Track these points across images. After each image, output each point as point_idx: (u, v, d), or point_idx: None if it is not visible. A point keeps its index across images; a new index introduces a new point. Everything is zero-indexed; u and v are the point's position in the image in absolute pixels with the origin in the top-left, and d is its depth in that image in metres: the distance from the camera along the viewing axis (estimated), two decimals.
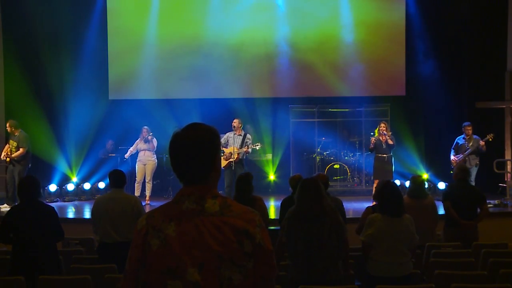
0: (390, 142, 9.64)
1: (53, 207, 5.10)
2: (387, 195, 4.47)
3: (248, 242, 1.90)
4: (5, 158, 9.54)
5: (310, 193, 4.13)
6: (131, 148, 10.26)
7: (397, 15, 12.02)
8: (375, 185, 9.71)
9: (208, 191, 1.96)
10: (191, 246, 1.88)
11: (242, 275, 1.89)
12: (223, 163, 9.24)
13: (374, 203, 5.73)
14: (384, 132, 9.67)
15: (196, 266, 1.86)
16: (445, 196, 6.43)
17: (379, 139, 9.71)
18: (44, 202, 5.21)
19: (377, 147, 9.69)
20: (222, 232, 1.89)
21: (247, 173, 5.99)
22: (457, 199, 6.25)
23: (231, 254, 1.88)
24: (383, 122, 9.93)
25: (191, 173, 1.97)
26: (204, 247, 1.88)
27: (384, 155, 9.66)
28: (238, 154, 9.40)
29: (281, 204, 6.05)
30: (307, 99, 12.10)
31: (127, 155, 10.35)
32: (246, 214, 1.95)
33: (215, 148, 2.01)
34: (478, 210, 6.32)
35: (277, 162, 11.95)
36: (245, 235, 1.90)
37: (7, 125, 9.67)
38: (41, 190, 5.21)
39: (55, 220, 4.98)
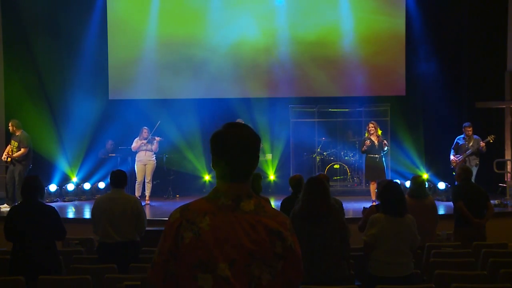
0: (386, 147, 9.62)
1: (54, 207, 5.10)
2: (389, 195, 4.47)
3: (279, 243, 1.92)
4: (6, 158, 9.55)
5: (316, 192, 4.14)
6: (134, 145, 10.21)
7: (398, 15, 12.02)
8: (371, 185, 9.71)
9: (244, 190, 1.99)
10: (224, 242, 1.90)
11: (271, 276, 1.91)
12: None
13: (374, 203, 5.74)
14: (372, 132, 9.63)
15: (228, 261, 1.88)
16: (456, 196, 6.43)
17: (370, 138, 9.67)
18: (44, 202, 5.20)
19: (369, 148, 9.65)
20: (256, 230, 1.90)
21: (256, 173, 6.00)
22: (467, 199, 6.29)
23: (263, 253, 1.89)
24: (371, 122, 9.88)
25: (232, 171, 1.98)
26: (237, 243, 1.89)
27: (376, 155, 9.60)
28: None
29: (281, 204, 6.06)
30: (307, 99, 12.09)
31: (135, 148, 10.26)
32: (278, 217, 1.97)
33: (257, 148, 2.05)
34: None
35: (277, 162, 11.94)
36: (278, 236, 1.92)
37: (10, 124, 9.67)
38: (44, 190, 5.22)
39: (56, 220, 4.98)
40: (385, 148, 9.64)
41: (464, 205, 6.28)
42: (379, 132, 9.78)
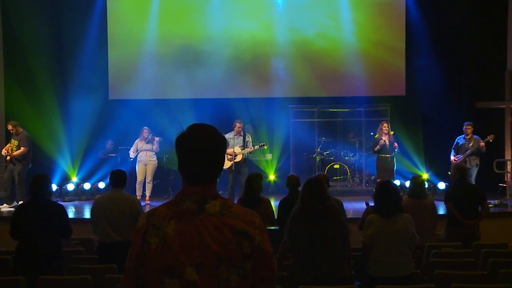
0: (396, 149, 9.67)
1: (62, 206, 5.17)
2: (381, 196, 4.49)
3: (247, 243, 1.90)
4: (5, 156, 9.53)
5: (314, 193, 4.13)
6: (132, 149, 10.23)
7: (397, 15, 12.03)
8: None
9: (209, 191, 1.96)
10: (190, 246, 1.88)
11: (240, 277, 1.89)
12: (227, 164, 9.31)
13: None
14: (386, 132, 9.67)
15: (194, 265, 1.86)
16: (447, 197, 6.44)
17: (382, 139, 9.69)
18: (53, 200, 5.26)
19: (381, 147, 9.66)
20: (221, 232, 1.88)
21: (257, 173, 6.02)
22: (458, 199, 6.28)
23: (229, 255, 1.87)
24: (386, 122, 9.93)
25: (198, 173, 1.96)
26: (203, 247, 1.87)
27: (388, 155, 9.66)
28: (242, 155, 9.49)
29: (279, 204, 6.06)
30: (307, 99, 12.09)
31: (132, 155, 10.29)
32: (246, 216, 1.94)
33: (224, 149, 2.02)
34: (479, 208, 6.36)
35: (277, 162, 11.94)
36: (245, 236, 1.90)
37: (9, 126, 9.64)
38: (51, 189, 5.29)
39: (63, 218, 5.04)
40: (395, 150, 9.68)
41: (456, 206, 6.27)
42: (391, 132, 9.83)
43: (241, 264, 1.89)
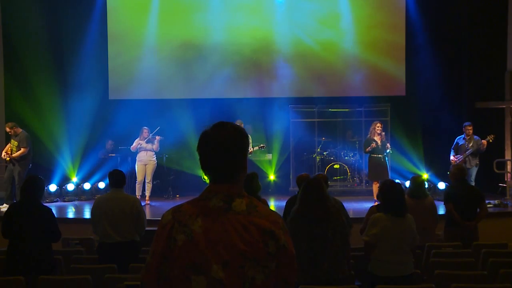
0: (388, 149, 9.66)
1: (51, 209, 5.13)
2: (391, 195, 4.47)
3: (272, 243, 1.91)
4: (5, 157, 9.54)
5: (313, 194, 4.13)
6: (133, 146, 10.22)
7: (397, 15, 12.03)
8: (374, 185, 9.70)
9: (235, 190, 1.98)
10: (216, 243, 1.89)
11: (265, 275, 1.90)
12: None
13: (376, 203, 5.73)
14: (379, 132, 9.67)
15: (221, 263, 1.88)
16: (447, 198, 6.44)
17: (374, 139, 9.68)
18: (43, 203, 5.24)
19: (374, 148, 9.66)
20: (248, 231, 1.90)
21: (252, 173, 6.00)
22: (457, 200, 6.28)
23: (256, 253, 1.89)
24: (379, 122, 9.91)
25: (220, 172, 1.97)
26: (229, 245, 1.89)
27: (380, 155, 9.64)
28: None
29: (286, 203, 6.04)
30: (307, 99, 12.09)
31: (134, 148, 10.26)
32: (271, 216, 1.96)
33: (245, 148, 2.02)
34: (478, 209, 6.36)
35: (277, 162, 11.94)
36: (270, 235, 1.91)
37: (7, 128, 9.63)
38: (44, 192, 5.27)
39: (51, 221, 5.02)
40: (387, 150, 9.68)
41: (455, 206, 6.27)
42: (383, 133, 9.84)
43: (267, 263, 1.90)
